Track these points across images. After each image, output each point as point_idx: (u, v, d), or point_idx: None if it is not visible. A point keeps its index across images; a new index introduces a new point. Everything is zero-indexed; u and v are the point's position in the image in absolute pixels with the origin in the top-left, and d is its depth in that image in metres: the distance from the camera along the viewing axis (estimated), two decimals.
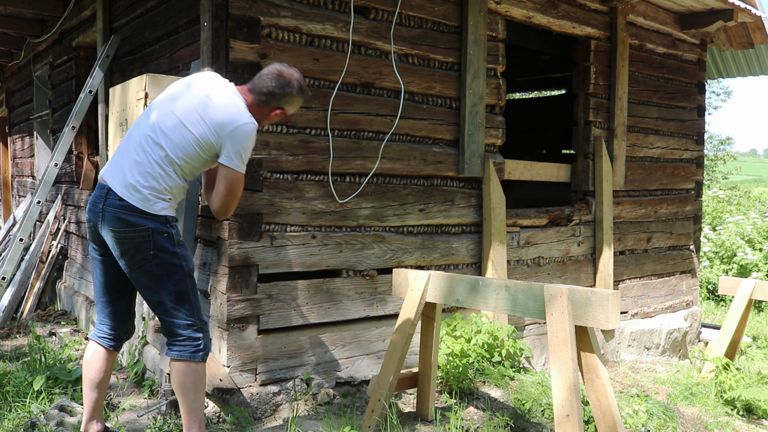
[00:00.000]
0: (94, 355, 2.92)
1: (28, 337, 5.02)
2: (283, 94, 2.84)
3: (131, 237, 2.66)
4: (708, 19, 5.62)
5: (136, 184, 2.66)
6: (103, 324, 2.92)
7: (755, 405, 4.38)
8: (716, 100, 22.42)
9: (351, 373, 3.92)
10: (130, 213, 2.65)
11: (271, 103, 2.85)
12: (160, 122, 2.73)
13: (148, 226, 2.66)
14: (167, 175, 2.70)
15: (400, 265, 4.11)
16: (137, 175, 2.67)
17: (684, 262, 6.17)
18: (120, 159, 2.75)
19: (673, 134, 5.93)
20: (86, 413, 2.94)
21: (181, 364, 2.75)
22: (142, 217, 2.65)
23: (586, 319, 2.69)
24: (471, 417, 3.62)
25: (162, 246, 2.68)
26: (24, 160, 8.10)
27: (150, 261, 2.68)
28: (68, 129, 4.97)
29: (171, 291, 2.72)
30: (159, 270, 2.69)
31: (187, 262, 2.78)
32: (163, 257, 2.69)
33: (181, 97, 2.78)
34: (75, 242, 6.07)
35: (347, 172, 3.87)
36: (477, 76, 4.33)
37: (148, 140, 2.71)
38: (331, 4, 3.74)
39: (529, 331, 4.87)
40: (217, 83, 2.82)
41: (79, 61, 5.82)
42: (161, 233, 2.68)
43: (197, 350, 2.76)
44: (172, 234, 2.72)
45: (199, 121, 2.70)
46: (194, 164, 2.75)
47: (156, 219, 2.68)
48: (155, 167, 2.68)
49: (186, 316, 2.75)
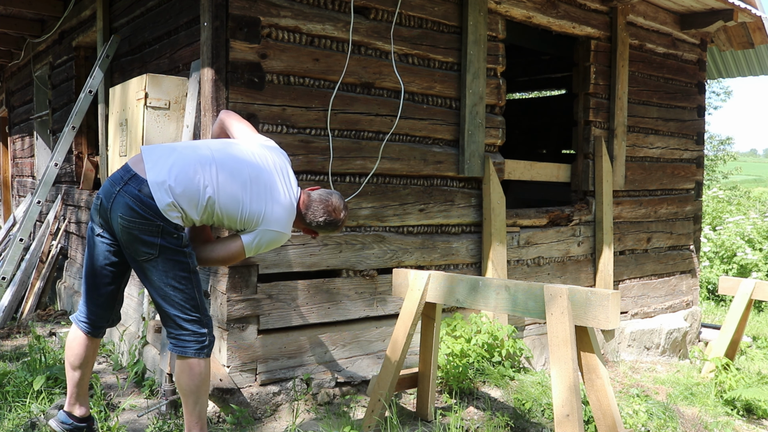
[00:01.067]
0: (74, 340, 2.89)
1: (28, 337, 5.02)
2: (325, 229, 3.01)
3: (140, 227, 2.62)
4: (708, 19, 5.62)
5: (170, 190, 2.63)
6: (84, 307, 2.88)
7: (755, 405, 4.38)
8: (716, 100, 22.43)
9: (351, 373, 3.92)
10: (146, 209, 2.61)
11: (312, 228, 3.01)
12: (233, 167, 2.76)
13: (159, 222, 2.63)
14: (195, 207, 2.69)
15: (400, 265, 4.11)
16: (180, 185, 2.64)
17: (684, 262, 6.17)
18: (170, 158, 2.70)
19: (673, 134, 5.93)
20: (69, 395, 2.94)
21: (186, 361, 2.72)
22: (155, 217, 2.63)
23: (586, 319, 2.69)
24: (471, 417, 3.62)
25: (170, 242, 2.66)
26: (24, 160, 8.10)
27: (156, 257, 2.65)
28: (68, 129, 4.97)
29: (175, 287, 2.69)
30: (165, 265, 2.67)
31: (193, 259, 2.76)
32: (170, 254, 2.67)
33: (264, 161, 2.85)
34: (75, 242, 6.07)
35: (347, 172, 3.87)
36: (477, 76, 4.33)
37: (210, 167, 2.72)
38: (331, 4, 3.74)
39: (529, 331, 4.87)
40: (291, 177, 2.94)
41: (79, 61, 5.82)
42: (170, 233, 2.65)
43: (202, 346, 2.74)
44: (181, 235, 2.70)
45: (259, 200, 2.77)
46: (221, 219, 2.77)
47: (167, 221, 2.65)
48: (196, 194, 2.68)
49: (192, 312, 2.73)
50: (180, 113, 3.74)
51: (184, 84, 3.74)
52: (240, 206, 2.75)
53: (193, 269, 2.75)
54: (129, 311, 4.62)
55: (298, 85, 3.66)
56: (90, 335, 2.90)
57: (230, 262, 2.96)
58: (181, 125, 3.74)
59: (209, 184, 2.69)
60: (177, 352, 2.74)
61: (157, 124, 3.67)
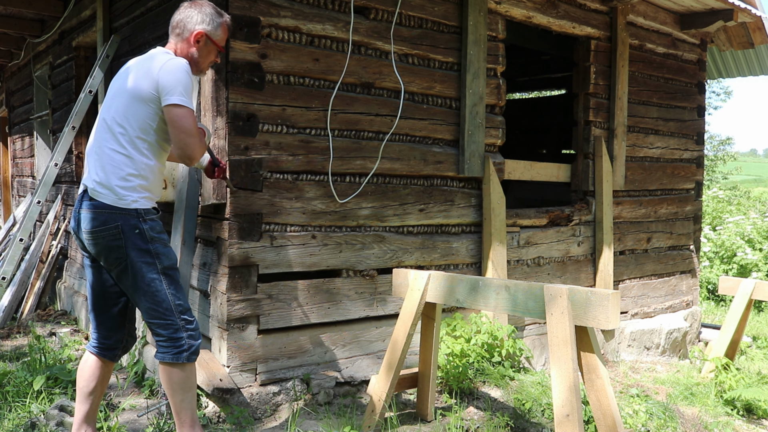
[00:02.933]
0: (84, 363, 2.84)
1: (28, 337, 5.02)
2: (186, 16, 2.75)
3: (102, 235, 2.59)
4: (708, 19, 5.62)
5: (102, 180, 2.60)
6: (95, 332, 2.84)
7: (755, 405, 4.37)
8: (716, 100, 22.47)
9: (351, 373, 3.92)
10: (99, 213, 2.59)
11: (184, 32, 2.74)
12: (104, 111, 2.70)
13: (118, 223, 2.58)
14: (128, 158, 2.60)
15: (400, 265, 4.11)
16: (99, 170, 2.62)
17: (684, 262, 6.17)
18: (87, 159, 2.73)
19: (673, 134, 5.93)
20: (76, 419, 2.86)
21: (165, 366, 2.67)
22: (112, 214, 2.58)
23: (586, 319, 2.69)
24: (471, 417, 3.62)
25: (133, 243, 2.59)
26: (24, 160, 8.10)
27: (124, 260, 2.61)
28: (68, 129, 4.97)
29: (145, 291, 2.63)
30: (132, 269, 2.61)
31: (162, 259, 2.66)
32: (134, 256, 2.60)
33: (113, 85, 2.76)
34: (75, 242, 6.07)
35: (347, 172, 3.87)
36: (477, 76, 4.33)
37: (100, 131, 2.68)
38: (331, 4, 3.74)
39: (529, 331, 4.87)
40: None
41: (79, 61, 5.82)
42: (132, 229, 2.59)
43: (180, 351, 2.65)
44: (144, 230, 2.61)
45: (133, 82, 2.62)
46: (149, 127, 2.62)
47: (126, 214, 2.59)
48: (114, 155, 2.60)
49: (164, 317, 2.65)
50: None
51: None
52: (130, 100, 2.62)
53: (163, 269, 2.65)
54: None
55: (298, 85, 3.66)
56: (102, 357, 2.83)
57: (184, 125, 2.58)
58: None
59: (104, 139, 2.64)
60: (157, 358, 2.70)
61: None
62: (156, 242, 2.66)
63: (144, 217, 2.64)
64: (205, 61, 2.83)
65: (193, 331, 2.70)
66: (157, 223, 2.70)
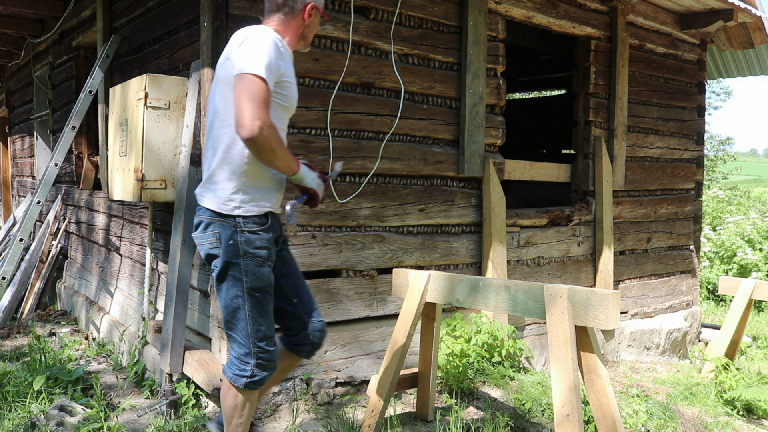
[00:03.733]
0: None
1: (28, 337, 5.02)
2: None
3: (202, 241, 2.49)
4: (708, 19, 5.62)
5: (206, 183, 2.48)
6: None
7: (755, 405, 4.37)
8: (716, 100, 22.45)
9: (351, 373, 3.92)
10: (201, 217, 2.49)
11: (295, 8, 2.55)
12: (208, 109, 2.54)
13: (216, 231, 2.43)
14: (226, 159, 2.40)
15: (400, 265, 4.11)
16: (210, 167, 2.47)
17: (684, 262, 6.17)
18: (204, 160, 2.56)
19: (673, 134, 5.93)
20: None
21: (226, 382, 2.56)
22: (212, 220, 2.44)
23: (586, 319, 2.69)
24: (471, 417, 3.62)
25: (226, 252, 2.42)
26: (24, 160, 8.10)
27: (218, 269, 2.46)
28: (68, 129, 4.97)
29: (227, 305, 2.48)
30: (218, 280, 2.48)
31: (250, 278, 2.44)
32: (228, 268, 2.44)
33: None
34: (75, 242, 6.07)
35: (347, 172, 3.87)
36: (477, 76, 4.33)
37: (207, 131, 2.53)
38: (331, 4, 3.74)
39: (529, 331, 4.87)
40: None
41: (79, 61, 5.82)
42: (227, 240, 2.42)
43: (241, 375, 2.50)
44: (238, 243, 2.42)
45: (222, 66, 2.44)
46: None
47: (226, 222, 2.43)
48: (216, 156, 2.43)
49: (240, 337, 2.50)
50: (180, 113, 3.74)
51: (184, 84, 3.74)
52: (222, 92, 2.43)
53: (248, 289, 2.45)
54: (129, 311, 4.62)
55: (298, 85, 3.65)
56: (287, 349, 2.75)
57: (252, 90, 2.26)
58: (181, 125, 3.74)
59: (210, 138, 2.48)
60: (223, 371, 2.59)
61: (157, 124, 3.68)
62: (248, 256, 2.45)
63: (241, 226, 2.44)
64: (314, 32, 2.72)
65: (265, 361, 2.52)
66: (250, 236, 2.45)
